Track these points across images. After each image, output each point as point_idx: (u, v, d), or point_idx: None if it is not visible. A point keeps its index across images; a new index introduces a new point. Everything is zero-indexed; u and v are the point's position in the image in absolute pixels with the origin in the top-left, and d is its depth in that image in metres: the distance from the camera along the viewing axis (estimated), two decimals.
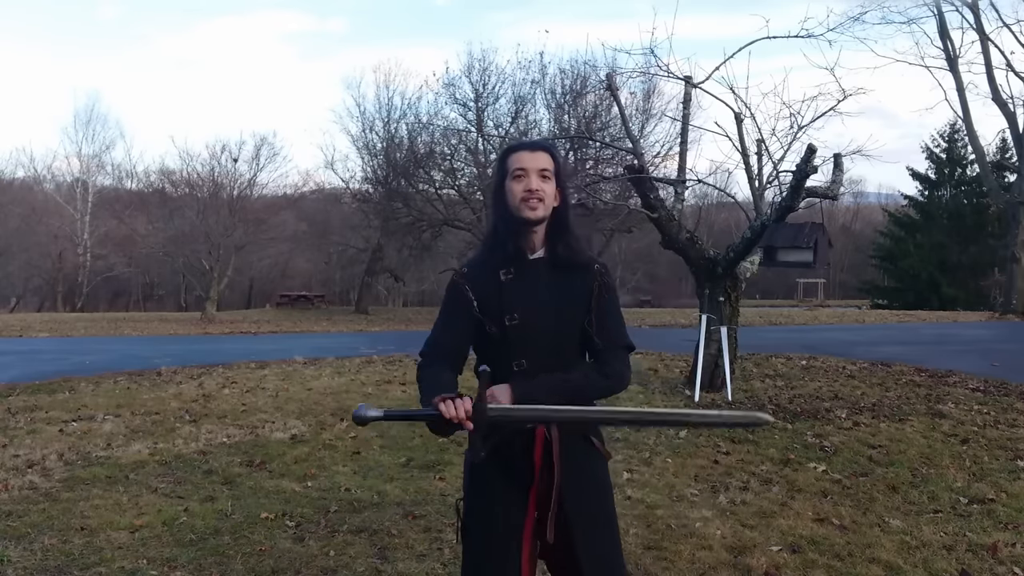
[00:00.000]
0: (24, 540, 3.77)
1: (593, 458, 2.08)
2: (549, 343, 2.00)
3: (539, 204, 1.99)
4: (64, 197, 42.26)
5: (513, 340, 1.99)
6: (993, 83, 23.66)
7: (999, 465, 5.22)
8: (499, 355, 2.00)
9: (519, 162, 2.03)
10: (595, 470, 2.09)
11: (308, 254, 39.41)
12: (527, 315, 1.99)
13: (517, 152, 2.06)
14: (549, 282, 2.02)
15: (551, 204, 2.02)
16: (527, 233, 2.02)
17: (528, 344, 1.99)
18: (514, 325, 1.99)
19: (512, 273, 2.02)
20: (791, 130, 8.46)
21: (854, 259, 49.33)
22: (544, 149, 2.06)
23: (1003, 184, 29.81)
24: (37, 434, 6.19)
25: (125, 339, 16.83)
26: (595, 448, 2.08)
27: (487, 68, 24.72)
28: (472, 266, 2.11)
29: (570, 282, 2.03)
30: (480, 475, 2.03)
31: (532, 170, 2.01)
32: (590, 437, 2.09)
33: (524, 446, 2.00)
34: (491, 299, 2.02)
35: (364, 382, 9.12)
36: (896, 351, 12.30)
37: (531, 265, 2.03)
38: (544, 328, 2.00)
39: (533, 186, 1.99)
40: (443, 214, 26.17)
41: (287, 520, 4.13)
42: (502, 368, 1.97)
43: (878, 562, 3.52)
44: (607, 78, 10.15)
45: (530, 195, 1.98)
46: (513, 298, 2.00)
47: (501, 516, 1.98)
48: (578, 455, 2.03)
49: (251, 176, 29.28)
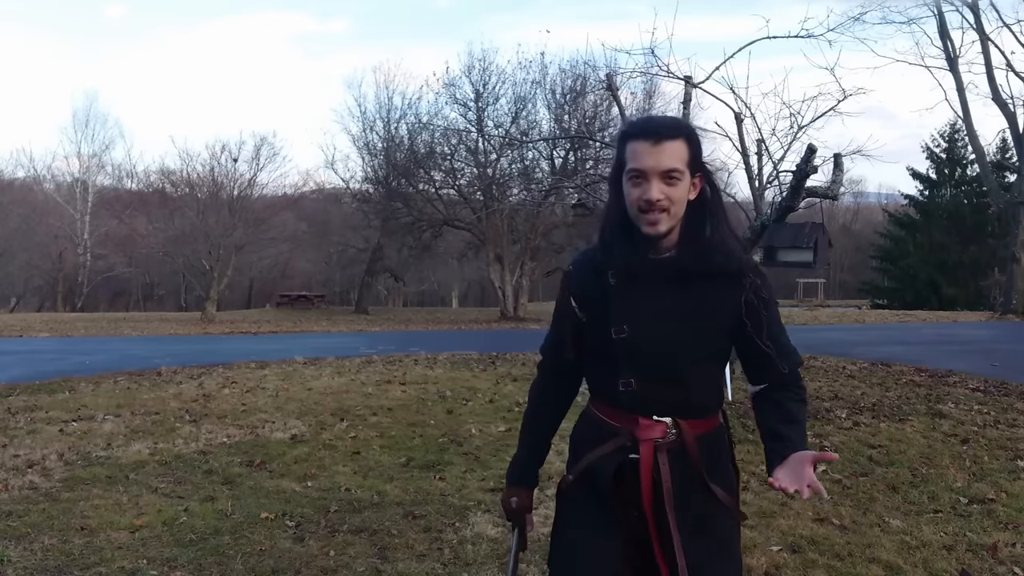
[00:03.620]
0: (24, 540, 3.77)
1: (714, 511, 1.68)
2: (666, 364, 1.63)
3: (662, 217, 1.57)
4: (64, 197, 42.29)
5: (621, 356, 1.65)
6: (993, 83, 23.66)
7: (999, 465, 5.22)
8: (604, 369, 1.70)
9: (636, 159, 1.59)
10: (718, 528, 1.68)
11: (308, 254, 39.42)
12: (638, 329, 1.63)
13: (635, 141, 1.60)
14: (676, 291, 1.62)
15: (681, 210, 1.61)
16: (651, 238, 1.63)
17: (639, 362, 1.64)
18: (622, 339, 1.63)
19: (624, 275, 1.64)
20: (791, 130, 8.45)
21: (854, 259, 49.36)
22: (673, 137, 1.58)
23: (1003, 184, 29.82)
24: (37, 434, 6.19)
25: (125, 339, 16.83)
26: (715, 498, 1.67)
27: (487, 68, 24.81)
28: (580, 263, 1.75)
29: (706, 292, 1.62)
30: (573, 504, 1.75)
31: (653, 173, 1.57)
32: (710, 484, 1.67)
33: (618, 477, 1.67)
34: (596, 306, 1.68)
35: (364, 382, 9.12)
36: (896, 351, 12.30)
37: (655, 267, 1.63)
38: (660, 346, 1.63)
39: (653, 196, 1.56)
40: (443, 214, 26.21)
41: (287, 520, 4.12)
42: (607, 383, 1.69)
43: (878, 562, 3.52)
44: (607, 78, 10.15)
45: (649, 208, 1.57)
46: (623, 307, 1.64)
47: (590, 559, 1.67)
48: (692, 501, 1.65)
49: (251, 176, 29.31)
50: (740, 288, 1.63)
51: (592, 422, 1.75)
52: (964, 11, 23.11)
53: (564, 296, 1.75)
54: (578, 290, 1.72)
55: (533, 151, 25.48)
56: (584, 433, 1.78)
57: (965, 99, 24.04)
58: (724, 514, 1.69)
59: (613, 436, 1.68)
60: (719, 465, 1.70)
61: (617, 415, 1.68)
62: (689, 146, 1.59)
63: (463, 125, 24.95)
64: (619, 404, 1.67)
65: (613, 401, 1.68)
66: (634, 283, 1.64)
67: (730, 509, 1.69)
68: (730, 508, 1.69)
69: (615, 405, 1.68)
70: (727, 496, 1.68)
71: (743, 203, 9.65)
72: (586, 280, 1.70)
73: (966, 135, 29.47)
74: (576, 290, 1.72)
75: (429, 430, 6.42)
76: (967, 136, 28.86)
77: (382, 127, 28.95)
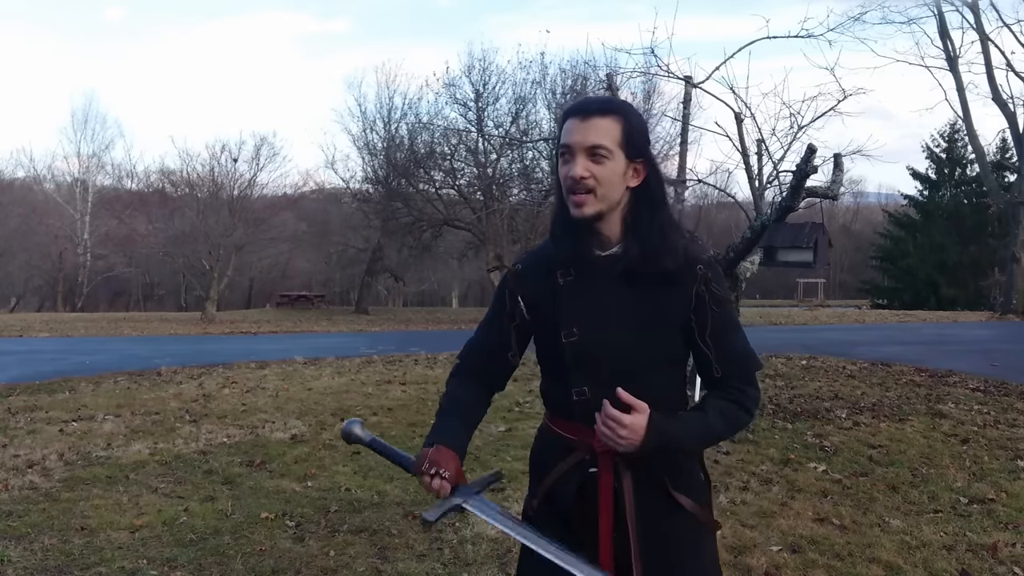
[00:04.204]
0: (24, 540, 3.77)
1: (680, 523, 1.59)
2: (620, 368, 1.52)
3: (587, 198, 1.49)
4: (64, 197, 42.27)
5: (572, 362, 1.55)
6: (993, 83, 23.68)
7: (999, 465, 5.22)
8: (556, 378, 1.61)
9: (565, 136, 1.52)
10: (683, 540, 1.59)
11: (308, 254, 39.40)
12: (589, 331, 1.53)
13: (568, 119, 1.53)
14: (626, 289, 1.53)
15: (612, 193, 1.50)
16: (591, 227, 1.54)
17: (591, 367, 1.54)
18: (572, 343, 1.54)
19: (572, 275, 1.56)
20: (791, 130, 8.44)
21: (854, 259, 49.35)
22: (602, 114, 1.50)
23: (1003, 184, 29.86)
24: (37, 434, 6.19)
25: (125, 339, 16.83)
26: (681, 508, 1.58)
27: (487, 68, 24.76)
28: (527, 262, 1.66)
29: (656, 289, 1.53)
30: (539, 528, 1.63)
31: (578, 148, 1.49)
32: (672, 492, 1.57)
33: (581, 493, 1.59)
34: (545, 307, 1.58)
35: (364, 382, 9.12)
36: (896, 351, 12.30)
37: (601, 264, 1.54)
38: (613, 349, 1.53)
39: (576, 172, 1.48)
40: (443, 214, 26.20)
41: (287, 520, 4.13)
42: (560, 393, 1.60)
43: (878, 562, 3.52)
44: (607, 78, 10.14)
45: (574, 184, 1.49)
46: (572, 308, 1.55)
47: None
48: (656, 514, 1.56)
49: (251, 176, 29.31)
50: (691, 282, 1.53)
51: (549, 438, 1.67)
52: (964, 11, 23.16)
53: (509, 296, 1.64)
54: (526, 290, 1.62)
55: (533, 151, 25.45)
56: (542, 452, 1.70)
57: (965, 99, 24.08)
58: (692, 526, 1.60)
59: (571, 451, 1.60)
60: (684, 473, 1.61)
61: (573, 427, 1.59)
62: (623, 125, 1.50)
63: (463, 125, 24.93)
64: (574, 415, 1.58)
65: (568, 412, 1.59)
66: (583, 282, 1.55)
67: (699, 520, 1.60)
68: (700, 518, 1.60)
69: (570, 416, 1.59)
70: (695, 505, 1.59)
71: (743, 203, 9.64)
72: (535, 279, 1.61)
73: (966, 135, 29.48)
74: (523, 290, 1.62)
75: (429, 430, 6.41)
76: (967, 136, 28.87)
77: (382, 127, 28.95)
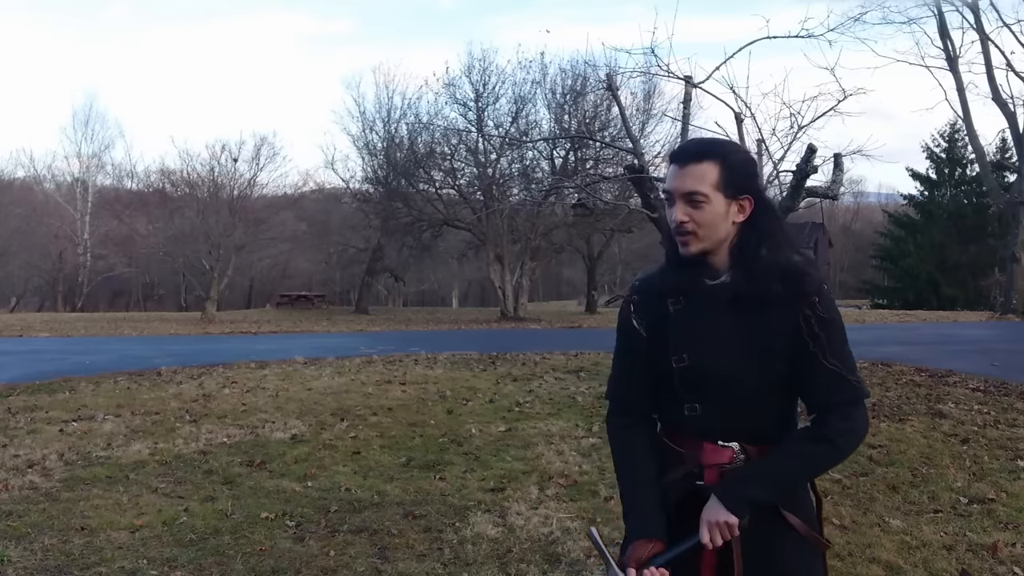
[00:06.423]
0: (24, 540, 3.77)
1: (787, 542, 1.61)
2: (728, 391, 1.60)
3: (689, 238, 1.59)
4: (64, 197, 42.29)
5: (681, 385, 1.62)
6: (993, 83, 23.64)
7: (999, 465, 5.22)
8: (668, 395, 1.67)
9: (667, 180, 1.64)
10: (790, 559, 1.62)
11: (308, 254, 39.44)
12: (697, 357, 1.60)
13: (670, 164, 1.64)
14: (735, 316, 1.59)
15: (715, 233, 1.59)
16: (699, 259, 1.62)
17: (700, 390, 1.61)
18: (681, 368, 1.61)
19: (681, 303, 1.64)
20: (791, 130, 8.44)
21: (854, 259, 49.44)
22: (697, 158, 1.60)
23: (1003, 184, 29.80)
24: (37, 434, 6.19)
25: (125, 339, 16.83)
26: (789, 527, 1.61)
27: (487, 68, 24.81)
28: (641, 289, 1.73)
29: (763, 315, 1.57)
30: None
31: (677, 195, 1.60)
32: (781, 511, 1.60)
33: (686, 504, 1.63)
34: (658, 332, 1.65)
35: (364, 382, 9.12)
36: (896, 351, 12.29)
37: (709, 292, 1.62)
38: (721, 374, 1.59)
39: (676, 217, 1.59)
40: (443, 214, 26.21)
41: (287, 520, 4.13)
42: (672, 408, 1.67)
43: (878, 562, 3.52)
44: (607, 78, 10.16)
45: (677, 228, 1.60)
46: (680, 335, 1.62)
47: None
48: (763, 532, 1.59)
49: (251, 176, 29.29)
50: (798, 307, 1.57)
51: (660, 449, 1.72)
52: (964, 11, 23.10)
53: (628, 323, 1.71)
54: (642, 316, 1.69)
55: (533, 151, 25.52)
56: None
57: (965, 99, 24.04)
58: (799, 544, 1.62)
59: (680, 463, 1.65)
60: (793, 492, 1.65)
61: (683, 440, 1.65)
62: (721, 168, 1.58)
63: (463, 125, 24.97)
64: (684, 429, 1.64)
65: (678, 426, 1.66)
66: (691, 310, 1.62)
67: (807, 538, 1.62)
68: (807, 537, 1.62)
69: (680, 430, 1.66)
70: (803, 525, 1.61)
71: None
72: (649, 305, 1.68)
73: (966, 135, 29.49)
74: (641, 316, 1.69)
75: (429, 430, 6.42)
76: (967, 136, 28.87)
77: (382, 127, 28.99)
